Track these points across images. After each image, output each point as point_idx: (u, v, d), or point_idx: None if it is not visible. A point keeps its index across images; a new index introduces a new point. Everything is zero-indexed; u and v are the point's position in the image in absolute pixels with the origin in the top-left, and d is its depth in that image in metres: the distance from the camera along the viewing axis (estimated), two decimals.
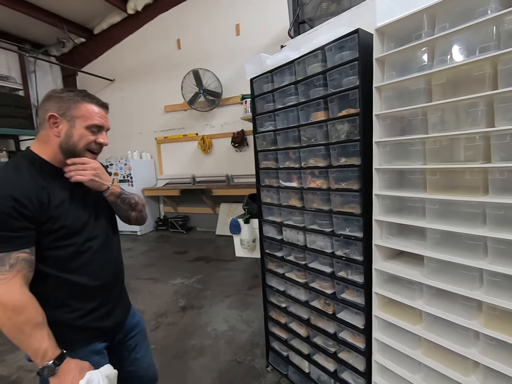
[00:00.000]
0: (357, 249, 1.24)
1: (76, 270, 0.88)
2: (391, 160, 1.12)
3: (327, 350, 1.44)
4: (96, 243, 0.93)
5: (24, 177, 0.80)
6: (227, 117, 5.01)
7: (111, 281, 0.99)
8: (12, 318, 0.74)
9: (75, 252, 0.87)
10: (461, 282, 0.95)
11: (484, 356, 0.92)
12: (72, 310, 0.88)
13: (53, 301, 0.86)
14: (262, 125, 1.66)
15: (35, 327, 0.76)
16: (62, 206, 0.85)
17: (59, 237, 0.84)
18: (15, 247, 0.75)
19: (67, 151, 0.87)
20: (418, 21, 0.95)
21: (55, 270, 0.85)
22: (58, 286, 0.86)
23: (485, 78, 0.85)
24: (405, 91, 1.05)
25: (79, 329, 0.90)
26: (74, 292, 0.89)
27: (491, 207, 0.87)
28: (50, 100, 0.86)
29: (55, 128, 0.85)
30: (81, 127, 0.87)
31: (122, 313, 1.05)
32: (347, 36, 1.14)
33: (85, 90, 0.94)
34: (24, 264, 0.77)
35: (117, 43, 5.85)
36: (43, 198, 0.80)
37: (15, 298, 0.74)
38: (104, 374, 0.84)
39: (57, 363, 0.78)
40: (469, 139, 0.90)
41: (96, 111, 0.89)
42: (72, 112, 0.85)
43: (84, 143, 0.88)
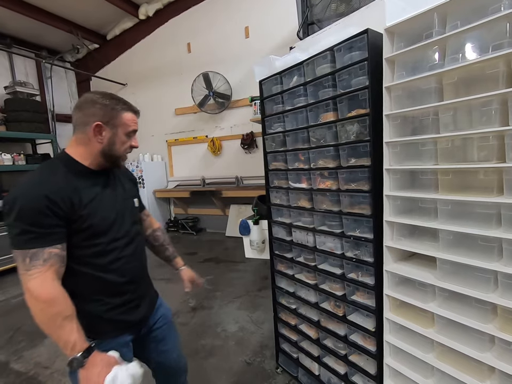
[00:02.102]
0: (368, 250, 1.23)
1: (103, 268, 0.92)
2: (402, 160, 1.10)
3: (338, 353, 1.43)
4: (121, 243, 0.97)
5: (58, 178, 0.85)
6: (236, 119, 5.04)
7: (137, 277, 1.04)
8: (44, 309, 0.78)
9: (102, 250, 0.91)
10: (475, 285, 0.93)
11: (500, 361, 0.89)
12: (101, 304, 0.93)
13: (83, 295, 0.91)
14: (271, 126, 1.66)
15: (65, 319, 0.79)
16: (91, 206, 0.89)
17: (87, 236, 0.88)
18: (48, 243, 0.80)
19: (108, 156, 0.94)
20: (429, 20, 0.94)
21: (84, 267, 0.90)
22: (88, 282, 0.91)
23: (499, 76, 0.83)
24: (416, 91, 1.04)
25: (108, 321, 0.95)
26: (103, 287, 0.93)
27: (506, 208, 0.84)
28: (95, 105, 0.89)
29: (99, 136, 0.90)
30: (122, 135, 0.93)
31: (148, 307, 1.09)
32: (356, 36, 1.13)
33: (120, 97, 0.97)
34: (56, 259, 0.81)
35: (129, 48, 5.98)
36: (74, 198, 0.85)
37: (47, 291, 0.78)
38: (129, 372, 0.85)
39: (85, 355, 0.80)
40: (482, 138, 0.88)
41: (133, 119, 0.96)
42: (115, 121, 0.91)
43: (124, 148, 0.96)
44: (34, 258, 0.78)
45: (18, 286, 3.53)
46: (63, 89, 6.51)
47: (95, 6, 5.10)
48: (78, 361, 0.79)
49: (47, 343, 2.31)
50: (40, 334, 2.42)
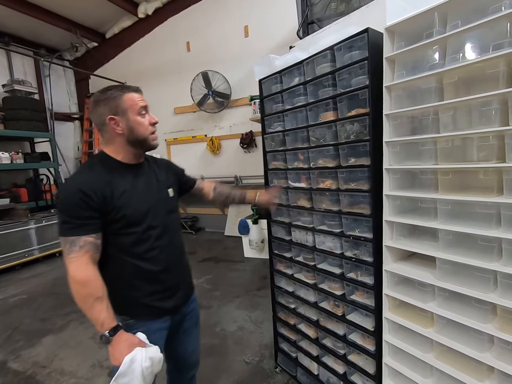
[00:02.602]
0: (367, 250, 1.23)
1: (139, 256, 0.98)
2: (402, 160, 1.10)
3: (337, 352, 1.43)
4: (156, 232, 1.01)
5: (92, 174, 0.94)
6: (236, 118, 5.03)
7: (173, 266, 1.07)
8: (79, 290, 0.88)
9: (137, 239, 0.97)
10: (474, 285, 0.93)
11: (499, 361, 0.89)
12: (137, 290, 1.00)
13: (122, 280, 0.99)
14: (271, 125, 1.66)
15: (95, 300, 0.88)
16: (123, 198, 0.94)
17: (122, 225, 0.94)
18: (84, 232, 0.89)
19: (136, 142, 0.98)
20: (429, 19, 0.93)
21: (123, 254, 0.97)
22: (126, 268, 0.98)
23: (499, 76, 0.83)
24: (416, 90, 1.04)
25: (143, 306, 1.01)
26: (139, 274, 0.99)
27: (506, 208, 0.84)
28: (100, 104, 0.95)
29: (117, 128, 0.95)
30: (135, 116, 0.96)
31: (183, 297, 1.13)
32: (356, 35, 1.13)
33: (119, 84, 1.01)
34: (90, 246, 0.89)
35: (128, 46, 5.96)
36: (107, 192, 0.92)
37: (81, 274, 0.87)
38: (149, 355, 0.90)
39: (111, 333, 0.88)
40: (482, 138, 0.88)
41: (137, 96, 0.97)
42: (121, 107, 0.94)
43: (144, 128, 0.98)
44: (72, 245, 0.88)
45: (16, 285, 3.52)
46: (61, 87, 6.48)
47: (94, 4, 5.07)
48: (105, 337, 0.88)
49: (44, 343, 2.30)
50: (38, 333, 2.42)
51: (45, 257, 4.37)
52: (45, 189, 5.31)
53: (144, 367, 0.88)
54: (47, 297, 3.13)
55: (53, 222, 4.47)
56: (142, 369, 0.88)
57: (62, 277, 3.73)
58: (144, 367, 0.88)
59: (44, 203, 5.21)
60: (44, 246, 4.34)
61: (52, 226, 4.45)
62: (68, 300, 3.01)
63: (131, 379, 0.86)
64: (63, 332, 2.44)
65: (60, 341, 2.31)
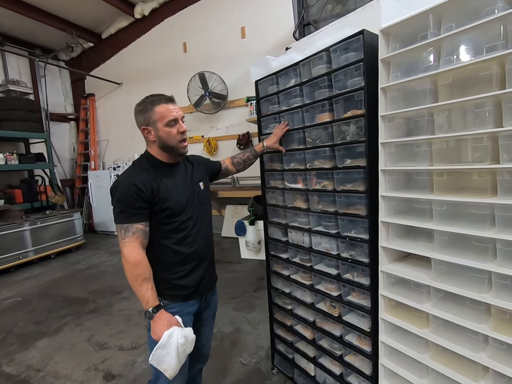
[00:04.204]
0: (363, 251, 1.23)
1: (177, 242, 1.12)
2: (397, 161, 1.11)
3: (333, 353, 1.43)
4: (192, 222, 1.16)
5: (142, 171, 1.09)
6: (232, 119, 5.02)
7: (203, 249, 1.21)
8: (131, 270, 1.02)
9: (177, 227, 1.12)
10: (469, 285, 0.94)
11: (493, 361, 0.90)
12: (174, 271, 1.14)
13: (160, 263, 1.12)
14: (267, 126, 1.66)
15: (144, 280, 1.03)
16: (167, 192, 1.09)
17: (166, 215, 1.09)
18: (136, 220, 1.04)
19: (166, 149, 1.11)
20: (424, 21, 0.94)
21: (162, 240, 1.11)
22: (165, 252, 1.12)
23: (492, 78, 0.84)
24: (411, 92, 1.05)
25: (179, 287, 1.14)
26: (176, 257, 1.13)
27: (500, 209, 0.85)
28: (137, 116, 1.10)
29: (150, 136, 1.10)
30: (163, 127, 1.07)
31: (209, 282, 1.26)
32: (352, 37, 1.14)
33: (153, 95, 1.10)
34: (141, 233, 1.04)
35: (124, 47, 5.93)
36: (154, 186, 1.06)
37: (134, 257, 1.02)
38: (184, 334, 1.04)
39: (154, 311, 1.03)
40: (476, 140, 0.89)
41: (167, 109, 1.07)
42: (152, 119, 1.07)
43: (172, 137, 1.09)
44: (126, 231, 1.02)
45: (10, 287, 3.48)
46: (57, 88, 6.44)
47: (90, 5, 5.05)
48: (149, 314, 1.03)
49: (39, 346, 2.27)
50: (32, 336, 2.39)
51: (40, 259, 4.33)
52: (40, 190, 5.26)
53: (180, 343, 1.01)
54: (41, 300, 3.10)
55: (48, 224, 4.43)
56: (177, 345, 1.01)
57: (57, 279, 3.70)
58: (180, 344, 1.01)
59: (39, 204, 5.16)
60: (38, 247, 4.30)
61: (46, 228, 4.41)
62: (63, 302, 2.99)
63: (168, 352, 1.00)
64: (58, 335, 2.41)
65: (55, 344, 2.29)
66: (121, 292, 3.14)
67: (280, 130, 1.49)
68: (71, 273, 3.89)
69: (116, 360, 2.04)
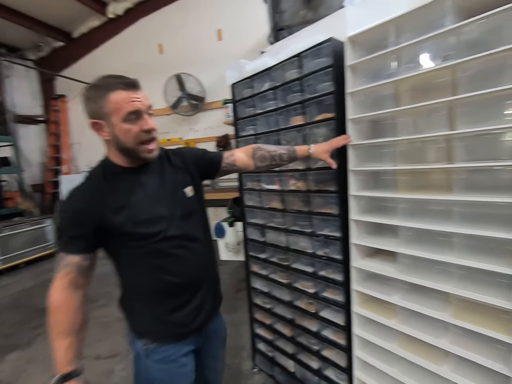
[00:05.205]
0: (336, 248, 1.28)
1: (157, 268, 0.86)
2: (365, 162, 1.17)
3: (311, 348, 1.47)
4: (175, 242, 0.87)
5: (91, 184, 0.84)
6: (211, 121, 5.01)
7: (198, 275, 0.94)
8: (49, 314, 0.80)
9: (151, 252, 0.85)
10: (432, 277, 1.01)
11: (453, 346, 0.97)
12: (158, 305, 0.89)
13: (141, 295, 0.89)
14: (244, 129, 1.68)
15: (59, 334, 0.78)
16: (128, 209, 0.81)
17: (129, 239, 0.83)
18: (69, 251, 0.80)
19: (123, 150, 0.83)
20: (386, 31, 1.00)
21: (140, 267, 0.86)
22: (145, 282, 0.88)
23: (447, 85, 0.92)
24: (376, 96, 1.11)
25: (165, 324, 0.90)
26: (161, 288, 0.88)
27: (456, 205, 0.93)
28: (85, 104, 0.81)
29: (103, 133, 0.81)
30: (119, 122, 0.78)
31: (210, 312, 1.00)
32: (321, 43, 1.19)
33: (109, 76, 0.81)
34: (73, 268, 0.79)
35: (97, 47, 5.74)
36: (107, 203, 0.81)
37: (55, 298, 0.79)
38: None
39: (59, 380, 0.77)
40: (434, 141, 0.96)
41: (126, 97, 0.78)
42: (103, 110, 0.78)
43: (132, 137, 0.80)
44: (60, 262, 0.80)
45: None
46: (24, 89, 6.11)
47: (58, 3, 4.85)
48: (56, 380, 0.77)
49: (9, 359, 2.16)
50: (2, 350, 2.27)
51: (8, 269, 4.09)
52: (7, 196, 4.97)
53: None
54: (11, 311, 2.94)
55: (17, 232, 4.20)
56: None
57: (27, 289, 3.51)
58: None
59: (7, 211, 4.87)
60: (6, 257, 4.06)
61: (15, 236, 4.18)
62: (35, 313, 2.85)
63: None
64: (31, 347, 2.30)
65: (28, 356, 2.18)
66: (97, 300, 3.04)
67: (338, 140, 1.12)
68: (42, 282, 3.71)
69: (93, 370, 1.98)
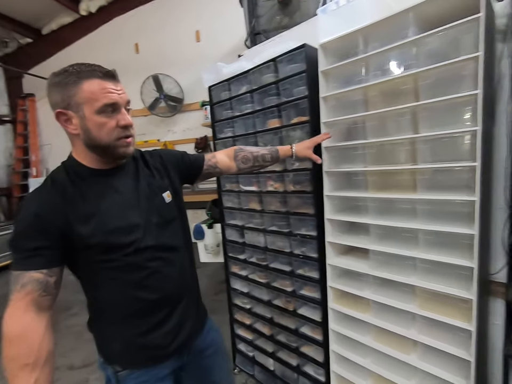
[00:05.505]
0: (312, 247, 1.33)
1: (132, 285, 0.77)
2: (339, 163, 1.22)
3: (290, 346, 1.50)
4: (149, 253, 0.78)
5: (52, 189, 0.72)
6: (190, 123, 4.96)
7: (177, 289, 0.84)
8: (6, 346, 0.64)
9: (123, 266, 0.75)
10: (400, 271, 1.07)
11: (421, 335, 1.04)
12: (130, 326, 0.79)
13: (111, 316, 0.79)
14: (222, 131, 1.70)
15: (21, 369, 0.63)
16: (96, 218, 0.72)
17: (97, 252, 0.72)
18: (29, 266, 0.67)
19: (97, 149, 0.73)
20: (355, 40, 1.06)
21: (109, 283, 0.76)
22: (115, 300, 0.77)
23: (411, 91, 0.98)
24: (348, 101, 1.17)
25: (140, 348, 0.79)
26: (132, 307, 0.78)
27: (420, 203, 0.99)
28: (51, 91, 0.71)
29: (70, 127, 0.71)
30: (92, 114, 0.69)
31: (192, 330, 0.89)
32: (295, 49, 1.23)
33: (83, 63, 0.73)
34: (35, 286, 0.66)
35: (69, 45, 5.52)
36: (72, 211, 0.70)
37: (11, 326, 0.65)
38: None
39: None
40: (399, 144, 1.03)
41: (102, 87, 0.70)
42: (74, 99, 0.68)
43: (107, 133, 0.71)
44: (15, 282, 0.66)
45: None
46: None
47: None
48: None
49: None
50: None
51: None
52: None
53: None
54: None
55: None
56: None
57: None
58: None
59: None
60: None
61: None
62: None
63: None
64: None
65: None
66: (69, 308, 2.91)
67: (320, 137, 1.14)
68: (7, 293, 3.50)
69: (66, 380, 1.90)
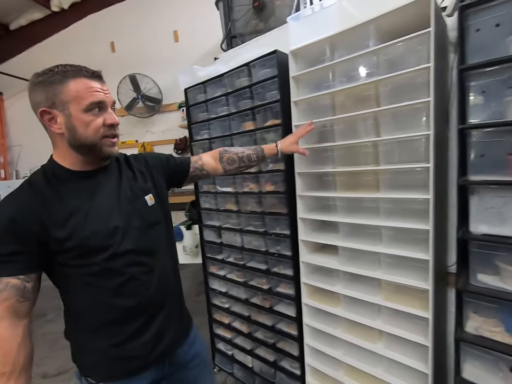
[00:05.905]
0: (287, 245, 1.38)
1: (108, 290, 0.74)
2: (310, 165, 1.28)
3: (267, 342, 1.55)
4: (129, 258, 0.76)
5: (30, 193, 0.71)
6: (168, 123, 4.90)
7: (158, 296, 0.81)
8: None
9: (99, 270, 0.73)
10: (367, 266, 1.14)
11: (386, 325, 1.11)
12: (106, 335, 0.75)
13: (86, 325, 0.76)
14: (198, 133, 1.72)
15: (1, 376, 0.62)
16: (73, 221, 0.71)
17: (75, 256, 0.71)
18: (5, 272, 0.65)
19: (79, 147, 0.72)
20: (322, 47, 1.12)
21: (85, 290, 0.74)
22: (91, 308, 0.75)
23: (372, 98, 1.05)
24: (317, 105, 1.22)
25: (116, 358, 0.76)
26: (109, 315, 0.75)
27: (382, 201, 1.06)
28: (34, 90, 0.70)
29: (54, 126, 0.70)
30: (79, 112, 0.69)
31: (174, 339, 0.85)
32: (267, 55, 1.27)
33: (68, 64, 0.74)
34: (12, 292, 0.64)
35: (40, 41, 5.31)
36: (48, 214, 0.69)
37: None
38: None
39: None
40: (364, 146, 1.10)
41: (89, 86, 0.70)
42: (59, 97, 0.68)
43: (93, 131, 0.71)
44: None
45: None
46: None
47: None
48: None
49: None
50: None
51: None
52: None
53: None
54: None
55: None
56: None
57: None
58: None
59: None
60: None
61: None
62: None
63: None
64: None
65: None
66: (44, 315, 2.82)
67: (303, 128, 1.14)
68: None
69: None
